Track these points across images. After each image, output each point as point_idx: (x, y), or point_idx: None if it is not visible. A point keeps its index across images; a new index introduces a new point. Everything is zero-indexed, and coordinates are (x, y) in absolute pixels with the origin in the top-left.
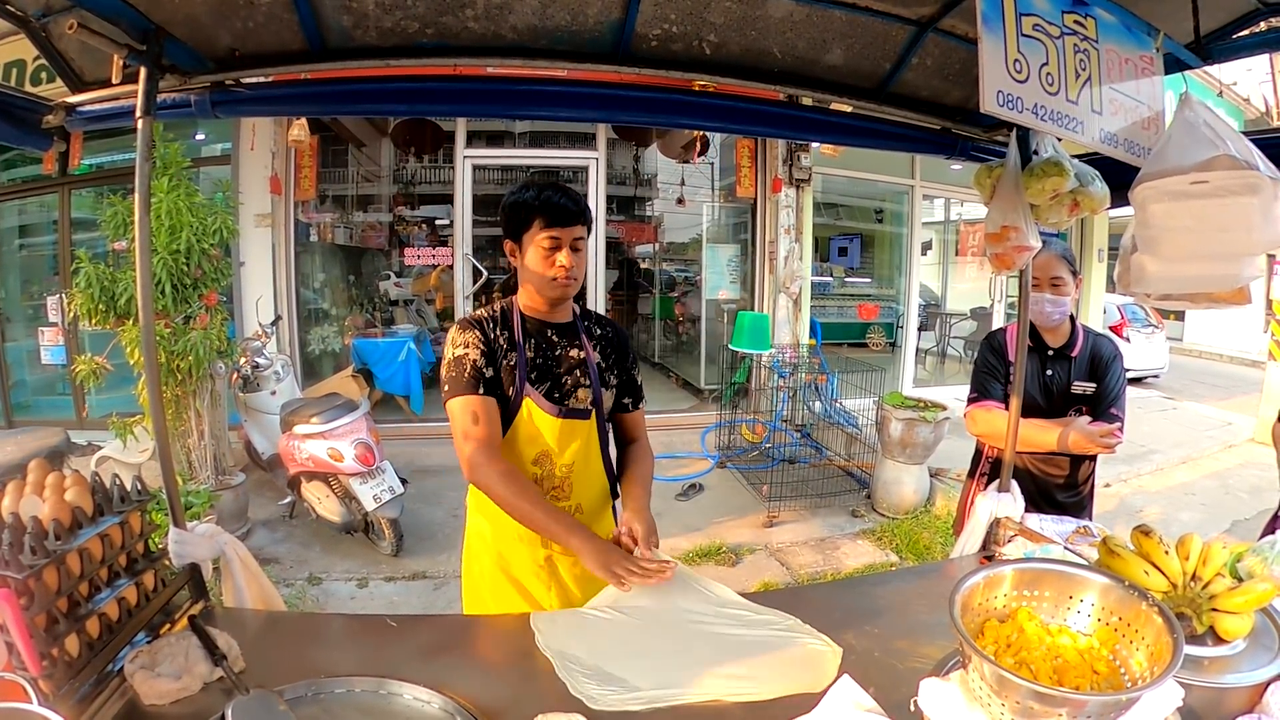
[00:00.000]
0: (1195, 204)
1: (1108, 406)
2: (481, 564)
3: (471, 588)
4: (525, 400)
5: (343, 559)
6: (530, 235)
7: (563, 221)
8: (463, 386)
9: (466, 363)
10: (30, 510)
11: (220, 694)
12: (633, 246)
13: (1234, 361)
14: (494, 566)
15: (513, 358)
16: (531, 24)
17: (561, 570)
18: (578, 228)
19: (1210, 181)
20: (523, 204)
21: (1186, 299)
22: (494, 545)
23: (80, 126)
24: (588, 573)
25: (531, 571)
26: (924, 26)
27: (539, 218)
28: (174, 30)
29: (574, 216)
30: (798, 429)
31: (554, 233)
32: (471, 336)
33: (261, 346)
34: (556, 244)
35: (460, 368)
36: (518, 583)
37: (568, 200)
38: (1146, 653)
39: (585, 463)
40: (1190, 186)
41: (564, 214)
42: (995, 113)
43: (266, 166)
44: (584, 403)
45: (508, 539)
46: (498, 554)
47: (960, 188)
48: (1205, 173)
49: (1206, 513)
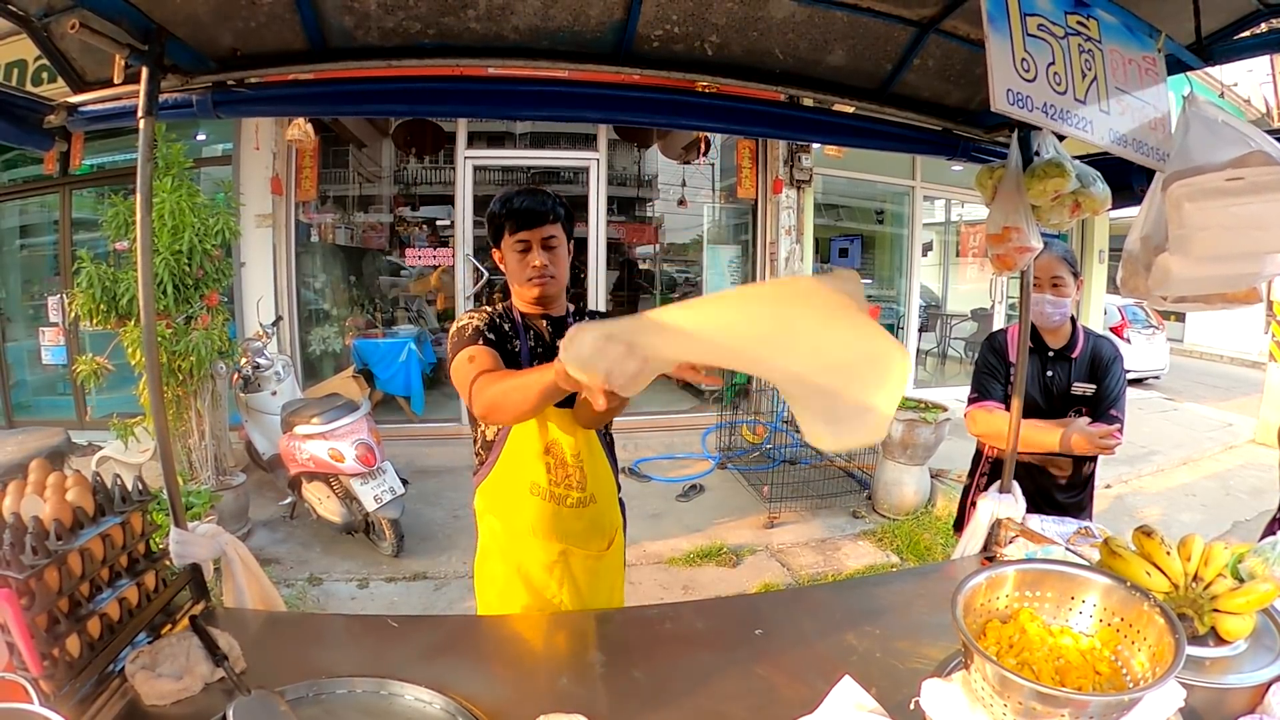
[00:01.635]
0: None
1: (1107, 408)
2: (494, 565)
3: (484, 589)
4: None
5: (343, 559)
6: (506, 242)
7: (529, 224)
8: (465, 341)
9: (468, 328)
10: (31, 510)
11: (221, 694)
12: (633, 247)
13: (1234, 362)
14: (507, 567)
15: (516, 344)
16: (533, 25)
17: (574, 566)
18: (546, 227)
19: (1245, 178)
20: (494, 215)
21: (1201, 301)
22: (506, 544)
23: (82, 126)
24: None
25: (544, 567)
26: (926, 27)
27: (508, 224)
28: (176, 30)
29: (539, 217)
30: (798, 430)
31: (522, 236)
32: (477, 315)
33: (262, 347)
34: (526, 246)
35: (462, 333)
36: (530, 582)
37: (532, 202)
38: (1148, 653)
39: (590, 452)
40: (1226, 184)
41: (529, 216)
42: (1006, 111)
43: (268, 167)
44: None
45: (520, 535)
46: (511, 553)
47: (961, 189)
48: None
49: (1207, 514)
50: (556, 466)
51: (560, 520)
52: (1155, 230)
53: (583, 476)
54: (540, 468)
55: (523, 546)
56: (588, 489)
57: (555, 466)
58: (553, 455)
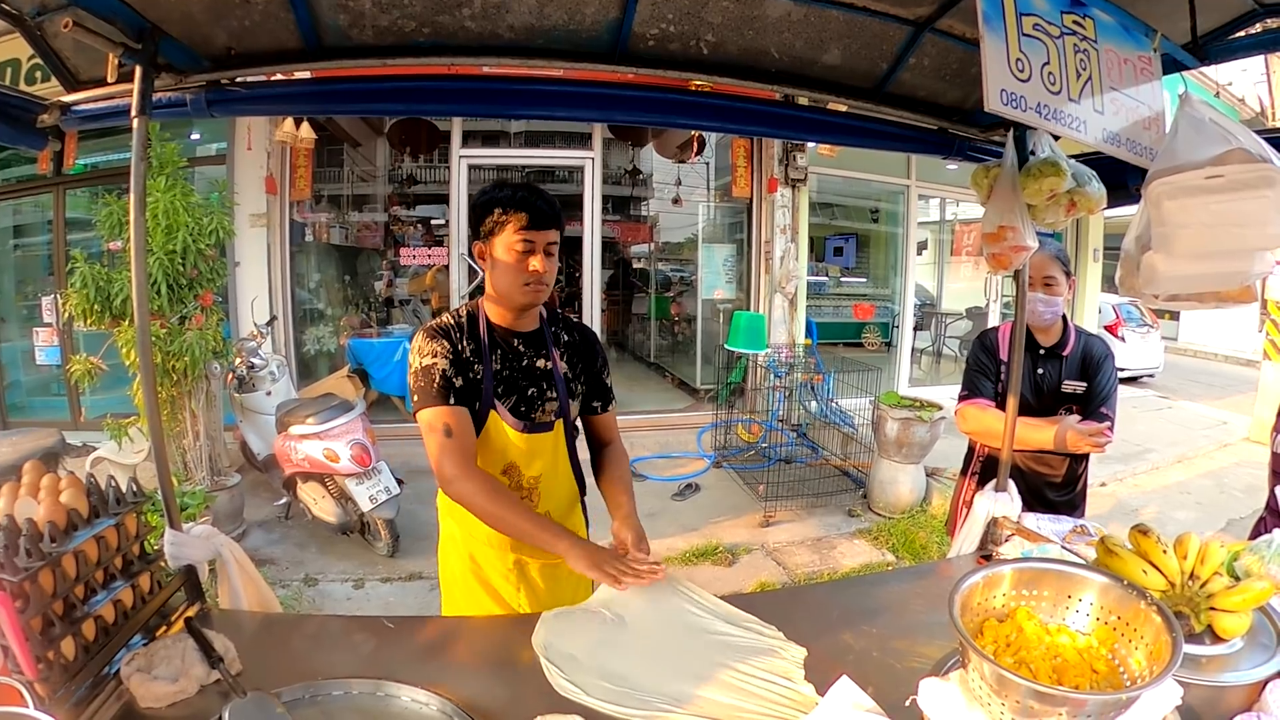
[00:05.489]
0: (1210, 199)
1: (1098, 406)
2: (454, 567)
3: (447, 590)
4: (491, 414)
5: (339, 560)
6: (503, 237)
7: (539, 224)
8: (433, 397)
9: (435, 372)
10: (25, 512)
11: (217, 696)
12: (628, 246)
13: (1228, 361)
14: (466, 570)
15: (479, 370)
16: (529, 23)
17: (531, 573)
18: (552, 231)
19: (1225, 176)
20: (495, 202)
21: (1194, 299)
22: (465, 548)
23: (75, 126)
24: (557, 576)
25: (501, 574)
26: (921, 27)
27: (514, 219)
28: (169, 29)
29: (550, 220)
30: (794, 429)
31: (529, 235)
32: (439, 346)
33: (257, 347)
34: (531, 247)
35: (429, 377)
36: (489, 585)
37: (544, 203)
38: (1145, 652)
39: (553, 472)
40: (1205, 181)
41: (541, 216)
42: (1000, 111)
43: (262, 166)
44: (550, 415)
45: (477, 542)
46: (469, 557)
47: (955, 187)
48: (1220, 167)
49: (1202, 511)
50: (512, 488)
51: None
52: (1147, 230)
53: (538, 497)
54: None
55: (480, 553)
56: (541, 507)
57: (511, 488)
58: (509, 477)
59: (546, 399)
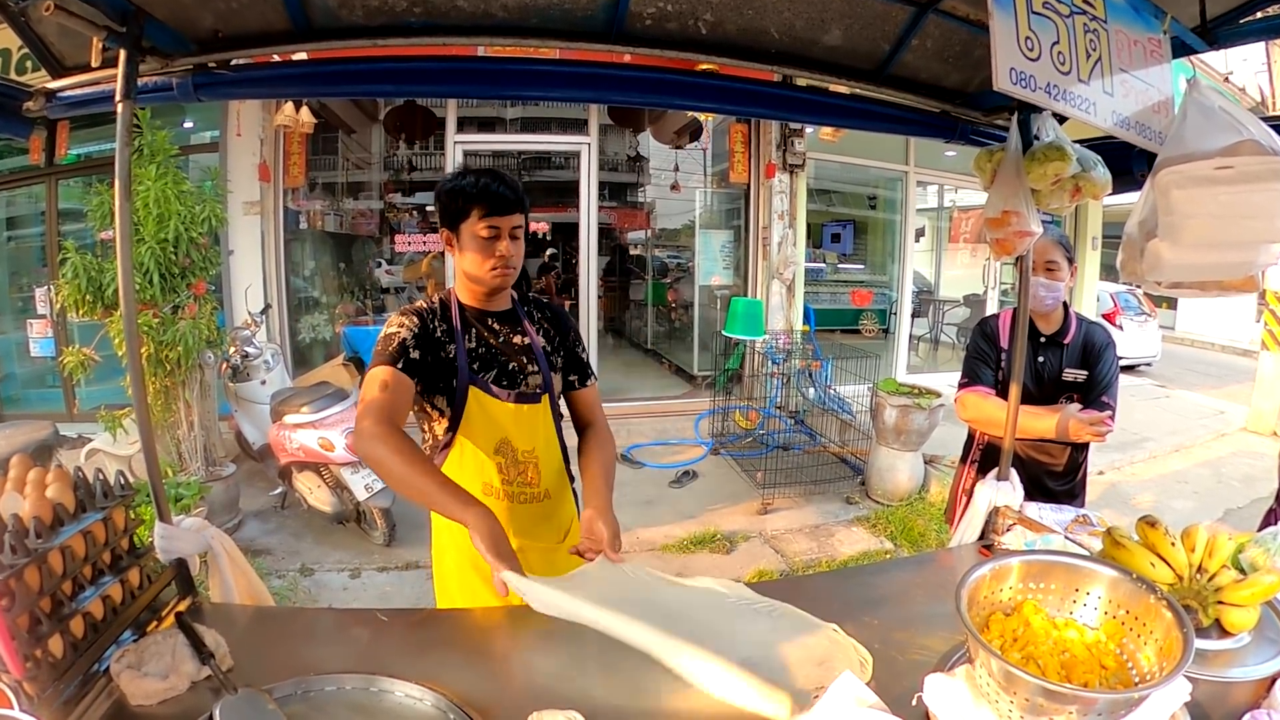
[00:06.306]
0: (1219, 190)
1: (1099, 394)
2: (448, 558)
3: (441, 582)
4: (472, 391)
5: (335, 549)
6: (468, 225)
7: (502, 210)
8: (383, 357)
9: (394, 339)
10: (10, 508)
11: (208, 693)
12: (625, 232)
13: (1226, 350)
14: (460, 559)
15: (451, 350)
16: (523, 2)
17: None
18: (516, 216)
19: (1235, 167)
20: (460, 191)
21: (1197, 287)
22: (459, 538)
23: (61, 113)
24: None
25: None
26: (924, 7)
27: (477, 206)
28: (154, 11)
29: (513, 205)
30: (792, 415)
31: (493, 221)
32: (408, 320)
33: (251, 335)
34: (495, 233)
35: (387, 343)
36: (484, 575)
37: (506, 188)
38: (1155, 648)
39: (547, 448)
40: (1215, 172)
41: (503, 202)
42: (1009, 91)
43: (255, 154)
44: (534, 387)
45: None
46: (463, 547)
47: (954, 174)
48: (1230, 158)
49: (1199, 501)
50: (509, 465)
51: (515, 517)
52: (1151, 215)
53: (536, 474)
54: (492, 467)
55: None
56: (541, 485)
57: (507, 465)
58: (503, 454)
59: (528, 372)
